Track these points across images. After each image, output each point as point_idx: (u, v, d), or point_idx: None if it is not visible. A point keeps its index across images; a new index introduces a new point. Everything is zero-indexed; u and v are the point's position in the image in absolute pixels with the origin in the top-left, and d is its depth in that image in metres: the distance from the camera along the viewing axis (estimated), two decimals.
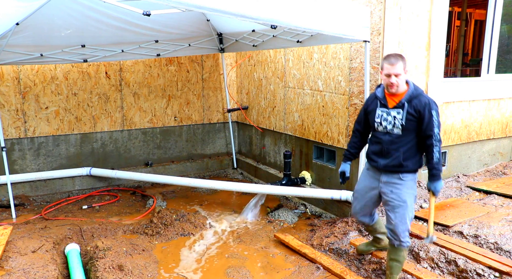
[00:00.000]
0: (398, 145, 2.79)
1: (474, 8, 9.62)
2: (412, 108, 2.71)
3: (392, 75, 2.67)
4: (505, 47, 5.17)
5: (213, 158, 6.43)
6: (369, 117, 2.93)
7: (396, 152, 2.79)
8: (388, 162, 2.83)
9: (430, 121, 2.70)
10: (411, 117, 2.71)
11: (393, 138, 2.79)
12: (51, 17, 4.12)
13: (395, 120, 2.75)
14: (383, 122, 2.81)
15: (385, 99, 2.82)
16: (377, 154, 2.89)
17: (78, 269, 3.20)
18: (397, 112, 2.75)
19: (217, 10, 2.53)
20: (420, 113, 2.70)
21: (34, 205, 4.95)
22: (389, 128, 2.79)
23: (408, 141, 2.78)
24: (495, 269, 2.84)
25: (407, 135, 2.77)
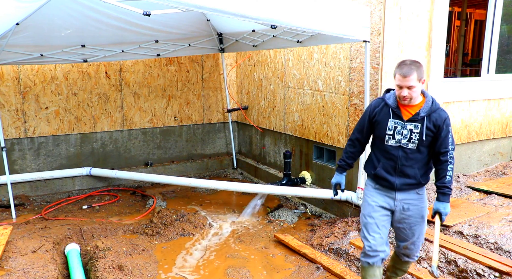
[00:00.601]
0: (414, 162, 2.53)
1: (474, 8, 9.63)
2: (431, 123, 2.47)
3: (404, 87, 2.40)
4: (505, 47, 5.17)
5: (213, 158, 6.43)
6: (377, 127, 2.59)
7: (412, 169, 2.53)
8: (405, 181, 2.54)
9: (447, 137, 2.48)
10: (429, 132, 2.47)
11: (407, 154, 2.52)
12: (51, 17, 4.12)
13: (412, 135, 2.48)
14: (397, 135, 2.51)
15: (399, 109, 2.52)
16: (389, 172, 2.57)
17: (78, 269, 3.20)
18: (415, 125, 2.48)
19: (217, 10, 2.53)
20: (439, 129, 2.47)
21: (34, 205, 4.95)
22: (404, 143, 2.50)
23: (423, 157, 2.54)
24: (495, 269, 2.84)
25: (421, 150, 2.51)
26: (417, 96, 2.46)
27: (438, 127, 2.47)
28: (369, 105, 2.70)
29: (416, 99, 2.48)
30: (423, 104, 2.49)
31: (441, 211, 2.53)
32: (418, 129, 2.47)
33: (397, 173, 2.55)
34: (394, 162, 2.55)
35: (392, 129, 2.53)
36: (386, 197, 2.61)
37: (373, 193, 2.66)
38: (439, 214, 2.55)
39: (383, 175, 2.59)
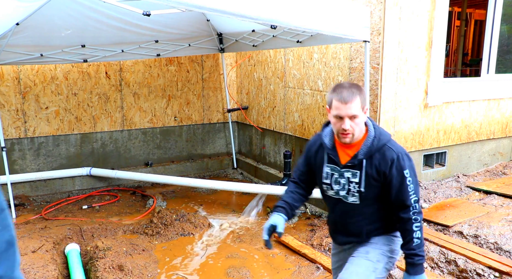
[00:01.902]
0: (357, 219, 1.97)
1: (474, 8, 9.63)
2: (373, 167, 1.85)
3: (345, 118, 1.78)
4: (505, 47, 5.17)
5: (213, 158, 6.43)
6: (315, 173, 2.07)
7: (356, 227, 1.99)
8: (348, 240, 2.06)
9: (402, 187, 1.84)
10: (373, 182, 1.86)
11: (348, 209, 1.96)
12: (51, 17, 4.12)
13: (350, 185, 1.90)
14: (334, 185, 1.95)
15: (335, 151, 1.94)
16: (331, 226, 2.14)
17: (78, 269, 3.20)
18: (352, 174, 1.89)
19: (217, 10, 2.54)
20: (386, 176, 1.85)
21: (34, 205, 4.95)
22: (342, 195, 1.94)
23: (371, 213, 1.96)
24: (495, 269, 2.84)
25: (368, 205, 1.93)
26: (360, 131, 1.85)
27: (384, 175, 1.84)
28: (308, 143, 2.14)
29: (360, 135, 1.87)
30: (363, 142, 1.88)
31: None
32: (357, 178, 1.88)
33: (339, 229, 2.08)
34: (334, 215, 2.07)
35: (328, 178, 1.97)
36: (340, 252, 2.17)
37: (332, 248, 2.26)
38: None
39: (329, 227, 2.17)
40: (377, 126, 1.94)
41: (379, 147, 1.86)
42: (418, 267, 1.85)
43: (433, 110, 4.33)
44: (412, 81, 4.09)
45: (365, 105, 1.85)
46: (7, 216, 0.80)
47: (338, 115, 1.80)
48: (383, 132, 1.92)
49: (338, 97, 1.80)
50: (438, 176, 4.57)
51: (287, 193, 2.14)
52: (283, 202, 2.09)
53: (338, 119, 1.81)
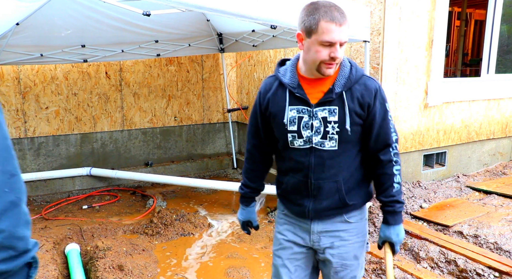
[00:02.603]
0: (335, 171, 1.63)
1: (474, 8, 9.63)
2: (355, 100, 1.57)
3: (337, 43, 1.47)
4: (505, 47, 5.17)
5: (213, 158, 6.43)
6: (274, 123, 1.68)
7: (333, 183, 1.64)
8: (321, 205, 1.67)
9: (384, 122, 1.62)
10: (356, 118, 1.58)
11: (324, 159, 1.61)
12: (51, 17, 4.12)
13: (327, 127, 1.57)
14: (304, 131, 1.59)
15: (301, 88, 1.60)
16: (297, 191, 1.70)
17: (78, 269, 3.20)
18: (329, 110, 1.57)
19: (217, 10, 2.54)
20: (370, 108, 1.58)
21: (34, 205, 4.95)
22: (316, 141, 1.59)
23: (351, 161, 1.66)
24: (495, 269, 2.84)
25: (347, 150, 1.63)
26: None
27: (368, 107, 1.58)
28: (258, 92, 1.75)
29: None
30: (338, 73, 1.59)
31: (392, 239, 1.70)
32: (336, 115, 1.56)
33: (309, 192, 1.67)
34: (305, 174, 1.65)
35: (294, 123, 1.60)
36: (297, 228, 1.77)
37: (282, 221, 1.83)
38: (390, 244, 1.73)
39: (287, 195, 1.76)
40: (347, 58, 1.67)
41: (358, 77, 1.59)
42: (398, 216, 1.67)
43: (433, 110, 4.33)
44: (412, 81, 4.09)
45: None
46: (17, 181, 0.86)
47: (329, 40, 1.45)
48: (356, 64, 1.66)
49: (328, 18, 1.43)
50: (438, 176, 4.57)
51: (247, 173, 1.88)
52: (248, 189, 1.90)
53: (326, 46, 1.47)
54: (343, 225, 1.73)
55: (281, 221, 1.85)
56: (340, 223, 1.72)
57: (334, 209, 1.69)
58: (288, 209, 1.80)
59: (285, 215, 1.83)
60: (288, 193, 1.76)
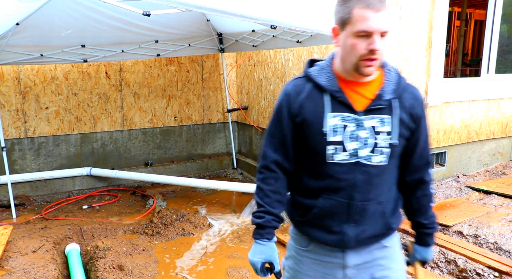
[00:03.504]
0: (380, 190, 1.40)
1: (474, 8, 9.63)
2: (406, 110, 1.37)
3: (375, 33, 1.23)
4: (505, 47, 5.17)
5: (213, 158, 6.43)
6: (306, 132, 1.38)
7: (377, 205, 1.40)
8: (364, 232, 1.40)
9: (427, 138, 1.46)
10: (405, 131, 1.38)
11: (371, 176, 1.37)
12: (51, 17, 4.12)
13: (377, 138, 1.34)
14: (349, 142, 1.34)
15: (342, 91, 1.35)
16: (334, 215, 1.40)
17: (78, 269, 3.20)
18: (380, 119, 1.35)
19: (217, 10, 2.54)
20: (419, 122, 1.40)
21: (34, 205, 4.95)
22: (364, 155, 1.35)
23: (394, 178, 1.46)
24: (494, 269, 2.84)
25: (393, 166, 1.43)
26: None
27: (418, 119, 1.39)
28: (283, 94, 1.45)
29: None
30: (384, 78, 1.38)
31: (429, 259, 1.60)
32: (389, 125, 1.35)
33: (352, 217, 1.39)
34: (347, 195, 1.37)
35: (337, 133, 1.34)
36: (328, 267, 1.46)
37: (305, 260, 1.50)
38: (422, 262, 1.62)
39: (322, 222, 1.42)
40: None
41: (406, 84, 1.40)
42: (432, 237, 1.56)
43: (433, 110, 4.33)
44: (412, 81, 4.08)
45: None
46: None
47: (366, 29, 1.22)
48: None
49: (363, 4, 1.22)
50: (438, 176, 4.57)
51: (264, 197, 1.46)
52: (267, 215, 1.44)
53: (362, 37, 1.24)
54: (380, 252, 1.47)
55: (303, 260, 1.49)
56: (377, 250, 1.46)
57: (377, 236, 1.44)
58: (316, 239, 1.45)
59: (309, 252, 1.48)
60: (319, 218, 1.42)
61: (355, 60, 1.28)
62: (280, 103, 1.44)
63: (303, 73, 1.46)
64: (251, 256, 1.46)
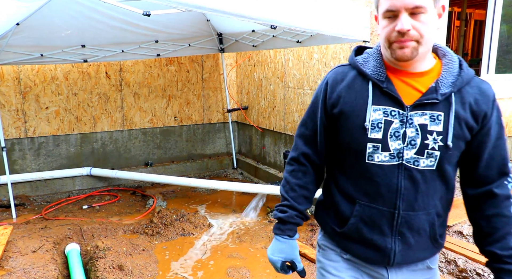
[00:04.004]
0: (429, 199, 1.21)
1: (474, 8, 9.63)
2: (467, 107, 1.15)
3: (402, 11, 1.09)
4: (505, 47, 5.17)
5: (213, 158, 6.44)
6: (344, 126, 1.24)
7: (425, 217, 1.22)
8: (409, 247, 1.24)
9: (501, 141, 1.18)
10: (465, 132, 1.16)
11: (417, 182, 1.19)
12: (51, 17, 4.12)
13: (426, 138, 1.16)
14: (392, 141, 1.17)
15: (391, 83, 1.18)
16: (375, 226, 1.23)
17: (78, 269, 3.20)
18: (431, 116, 1.15)
19: (217, 10, 2.54)
20: (485, 122, 1.16)
21: (34, 205, 4.96)
22: (408, 158, 1.17)
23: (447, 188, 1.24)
24: None
25: (447, 172, 1.20)
26: (429, 42, 1.13)
27: (483, 118, 1.16)
28: (321, 82, 1.32)
29: (426, 56, 1.16)
30: (442, 69, 1.18)
31: None
32: (441, 123, 1.15)
33: (395, 229, 1.22)
34: (390, 203, 1.21)
35: (380, 128, 1.18)
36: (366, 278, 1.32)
37: (339, 267, 1.36)
38: None
39: (360, 234, 1.26)
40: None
41: (470, 77, 1.16)
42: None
43: None
44: None
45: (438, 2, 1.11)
46: None
47: (389, 8, 1.10)
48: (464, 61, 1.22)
49: None
50: None
51: (291, 191, 1.37)
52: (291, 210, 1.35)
53: (389, 19, 1.12)
54: (425, 273, 1.29)
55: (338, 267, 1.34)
56: (421, 271, 1.28)
57: (424, 252, 1.26)
58: (353, 252, 1.29)
59: (347, 261, 1.35)
60: (358, 229, 1.25)
61: (387, 44, 1.16)
62: (317, 92, 1.32)
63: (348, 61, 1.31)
64: (270, 254, 1.36)
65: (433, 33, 1.12)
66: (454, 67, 1.17)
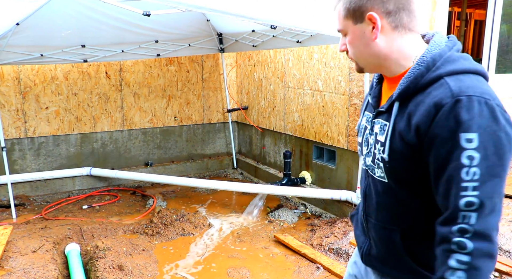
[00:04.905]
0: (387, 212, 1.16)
1: (474, 8, 9.64)
2: (405, 117, 1.04)
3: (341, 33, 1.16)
4: (505, 47, 5.17)
5: (213, 158, 6.43)
6: None
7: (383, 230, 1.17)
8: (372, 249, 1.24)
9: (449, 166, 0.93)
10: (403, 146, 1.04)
11: (375, 191, 1.19)
12: (51, 17, 4.12)
13: (376, 147, 1.13)
14: (365, 146, 1.22)
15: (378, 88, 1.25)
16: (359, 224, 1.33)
17: (78, 269, 3.20)
18: (381, 125, 1.13)
19: (217, 10, 2.54)
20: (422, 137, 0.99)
21: (34, 205, 4.95)
22: (368, 164, 1.18)
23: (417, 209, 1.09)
24: (494, 269, 2.84)
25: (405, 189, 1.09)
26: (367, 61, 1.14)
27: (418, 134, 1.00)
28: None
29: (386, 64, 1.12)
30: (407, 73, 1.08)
31: None
32: (384, 134, 1.10)
33: (366, 232, 1.26)
34: (362, 202, 1.28)
35: (361, 133, 1.25)
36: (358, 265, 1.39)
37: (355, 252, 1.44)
38: None
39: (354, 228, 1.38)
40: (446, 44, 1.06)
41: (428, 80, 1.01)
42: None
43: None
44: None
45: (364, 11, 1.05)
46: None
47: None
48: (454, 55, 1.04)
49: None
50: None
51: None
52: None
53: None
54: None
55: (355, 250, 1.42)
56: None
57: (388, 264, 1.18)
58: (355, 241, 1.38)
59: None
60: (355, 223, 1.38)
61: None
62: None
63: None
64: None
65: (365, 49, 1.10)
66: (417, 69, 1.05)
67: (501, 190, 0.93)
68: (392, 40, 1.07)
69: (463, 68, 1.01)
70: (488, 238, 0.91)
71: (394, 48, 1.08)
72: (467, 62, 1.04)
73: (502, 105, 0.98)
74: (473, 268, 0.90)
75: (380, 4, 1.03)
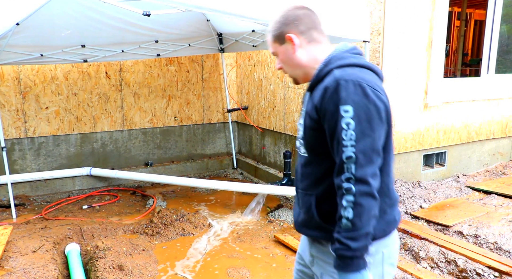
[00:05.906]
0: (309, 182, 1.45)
1: (474, 8, 9.64)
2: (312, 102, 1.38)
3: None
4: (505, 47, 5.17)
5: (213, 158, 6.44)
6: None
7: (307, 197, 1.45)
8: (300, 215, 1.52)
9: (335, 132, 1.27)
10: (311, 123, 1.38)
11: (300, 165, 1.51)
12: (51, 17, 4.12)
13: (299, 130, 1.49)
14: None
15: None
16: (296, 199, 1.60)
17: (78, 269, 3.20)
18: (301, 113, 1.50)
19: (217, 10, 2.54)
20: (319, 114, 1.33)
21: (34, 205, 4.95)
22: (298, 146, 1.51)
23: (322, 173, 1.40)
24: (494, 269, 2.84)
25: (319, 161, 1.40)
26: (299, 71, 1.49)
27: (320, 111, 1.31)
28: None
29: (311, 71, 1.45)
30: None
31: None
32: (302, 118, 1.46)
33: (298, 203, 1.55)
34: (296, 177, 1.56)
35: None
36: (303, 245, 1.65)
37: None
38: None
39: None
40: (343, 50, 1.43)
41: (324, 73, 1.37)
42: (344, 262, 1.24)
43: (433, 110, 4.33)
44: (412, 81, 4.09)
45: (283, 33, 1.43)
46: None
47: None
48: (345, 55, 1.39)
49: None
50: (438, 176, 4.57)
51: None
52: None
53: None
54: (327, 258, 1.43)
55: None
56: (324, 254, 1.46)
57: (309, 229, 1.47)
58: None
59: None
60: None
61: None
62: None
63: None
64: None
65: (291, 62, 1.47)
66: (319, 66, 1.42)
67: (374, 146, 1.26)
68: (308, 51, 1.45)
69: (349, 62, 1.36)
70: (367, 182, 1.24)
71: (310, 57, 1.45)
72: (354, 59, 1.38)
73: (375, 86, 1.29)
74: (357, 204, 1.23)
75: (295, 28, 1.43)
